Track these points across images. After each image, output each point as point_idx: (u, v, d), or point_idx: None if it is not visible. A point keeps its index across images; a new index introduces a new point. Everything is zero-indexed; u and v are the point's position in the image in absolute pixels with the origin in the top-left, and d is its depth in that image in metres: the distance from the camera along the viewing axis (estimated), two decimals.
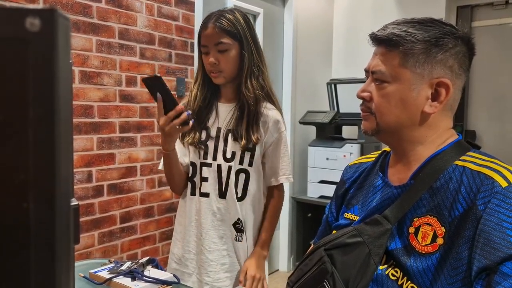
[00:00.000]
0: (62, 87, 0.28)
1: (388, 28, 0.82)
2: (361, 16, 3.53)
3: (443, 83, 0.79)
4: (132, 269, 1.10)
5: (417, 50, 0.78)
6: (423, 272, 0.74)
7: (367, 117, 0.85)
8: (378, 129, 0.84)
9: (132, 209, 2.28)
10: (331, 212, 1.03)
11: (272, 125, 1.37)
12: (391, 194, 0.84)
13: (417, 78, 0.79)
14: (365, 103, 0.85)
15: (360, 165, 1.01)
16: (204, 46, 1.31)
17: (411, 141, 0.84)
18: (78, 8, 1.96)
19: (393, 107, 0.81)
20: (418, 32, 0.79)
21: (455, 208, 0.74)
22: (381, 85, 0.82)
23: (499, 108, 3.19)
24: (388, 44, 0.80)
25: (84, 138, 2.03)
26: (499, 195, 0.70)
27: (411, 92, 0.80)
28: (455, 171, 0.77)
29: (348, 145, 3.03)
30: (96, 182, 2.10)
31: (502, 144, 3.18)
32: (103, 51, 2.08)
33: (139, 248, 2.33)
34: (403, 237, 0.79)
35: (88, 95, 2.03)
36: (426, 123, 0.82)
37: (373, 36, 0.83)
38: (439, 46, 0.78)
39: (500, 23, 3.16)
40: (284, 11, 3.35)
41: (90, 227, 2.08)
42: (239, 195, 1.36)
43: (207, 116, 1.38)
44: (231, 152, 1.35)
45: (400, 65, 0.79)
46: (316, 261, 0.82)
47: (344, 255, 0.80)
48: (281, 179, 1.41)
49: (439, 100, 0.80)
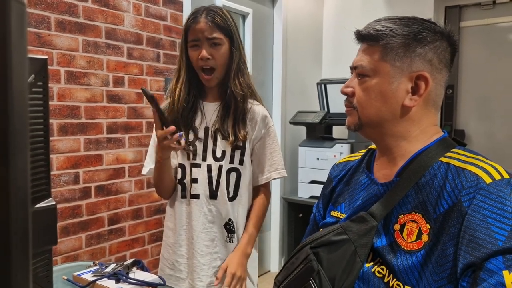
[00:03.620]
0: (16, 76, 0.26)
1: (370, 25, 0.84)
2: (350, 16, 3.54)
3: (422, 76, 0.80)
4: (117, 271, 1.08)
5: (396, 44, 0.80)
6: (409, 270, 0.74)
7: (350, 112, 0.86)
8: (360, 123, 0.85)
9: (121, 210, 2.26)
10: (318, 210, 1.02)
11: (260, 120, 1.36)
12: (377, 191, 0.84)
13: (396, 72, 0.80)
14: (348, 98, 0.86)
15: (347, 163, 1.01)
16: (195, 40, 1.27)
17: (394, 136, 0.84)
18: (64, 7, 1.93)
19: (373, 100, 0.82)
20: (397, 27, 0.81)
21: (440, 205, 0.73)
22: (363, 79, 0.83)
23: (488, 107, 3.21)
24: (370, 39, 0.82)
25: (70, 139, 2.00)
26: (483, 192, 0.70)
27: (390, 85, 0.81)
28: (440, 167, 0.77)
29: (338, 145, 3.03)
30: (83, 183, 2.07)
31: (490, 143, 3.20)
32: (90, 51, 2.06)
33: (128, 250, 2.31)
34: (388, 234, 0.79)
35: (74, 95, 2.00)
36: (408, 118, 0.82)
37: (357, 33, 0.85)
38: (417, 40, 0.80)
39: (488, 23, 3.18)
40: (273, 11, 3.34)
41: (77, 230, 2.05)
42: (230, 195, 1.33)
43: (193, 116, 1.34)
44: (221, 151, 1.32)
45: (380, 59, 0.81)
46: (302, 260, 0.82)
47: (330, 253, 0.80)
48: (273, 174, 1.39)
49: (418, 94, 0.81)
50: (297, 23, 3.47)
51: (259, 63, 3.22)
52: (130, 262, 1.14)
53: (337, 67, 3.63)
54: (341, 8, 3.64)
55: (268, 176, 1.39)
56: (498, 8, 3.14)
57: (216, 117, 1.33)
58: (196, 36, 1.27)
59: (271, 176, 1.39)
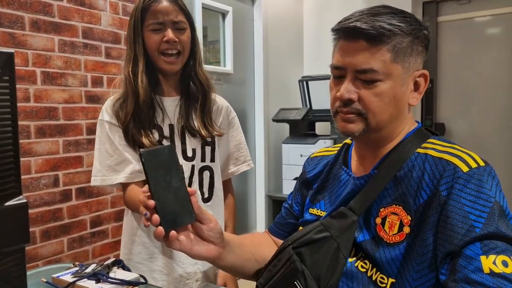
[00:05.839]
0: None
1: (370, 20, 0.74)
2: (330, 12, 3.56)
3: (424, 73, 0.79)
4: (97, 271, 1.06)
5: (405, 43, 0.75)
6: (392, 262, 0.74)
7: (354, 119, 0.78)
8: (367, 129, 0.78)
9: (103, 212, 2.23)
10: (297, 202, 1.00)
11: (224, 112, 1.29)
12: (354, 186, 0.83)
13: (405, 72, 0.77)
14: (352, 105, 0.77)
15: (322, 157, 0.99)
16: (158, 23, 1.13)
17: (390, 135, 0.82)
18: (38, 6, 1.90)
19: (387, 105, 0.76)
20: (402, 25, 0.75)
21: (419, 196, 0.74)
22: (373, 84, 0.75)
23: (466, 101, 3.26)
24: (375, 38, 0.74)
25: (49, 141, 1.96)
26: (461, 180, 0.70)
27: (402, 87, 0.77)
28: (417, 159, 0.77)
29: (321, 141, 3.05)
30: (63, 186, 2.03)
31: (470, 135, 3.26)
32: (67, 51, 2.02)
33: (111, 252, 2.28)
34: (370, 228, 0.79)
35: (51, 96, 1.97)
36: (405, 115, 0.81)
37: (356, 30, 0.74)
38: (419, 37, 0.78)
39: (465, 17, 3.24)
40: (253, 9, 3.34)
41: (58, 233, 2.02)
42: (205, 196, 1.24)
43: (154, 113, 1.19)
44: (191, 150, 1.21)
45: (392, 61, 0.75)
46: (285, 261, 0.80)
47: (313, 252, 0.78)
48: (242, 167, 1.32)
49: (419, 91, 0.80)
50: (278, 20, 3.48)
51: (240, 61, 3.21)
52: (111, 262, 1.12)
53: (319, 64, 3.65)
54: (321, 4, 3.66)
55: (237, 169, 1.32)
56: (474, 3, 3.20)
57: (179, 113, 1.21)
58: (159, 19, 1.12)
59: (240, 169, 1.32)
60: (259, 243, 0.99)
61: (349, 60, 0.76)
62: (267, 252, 0.93)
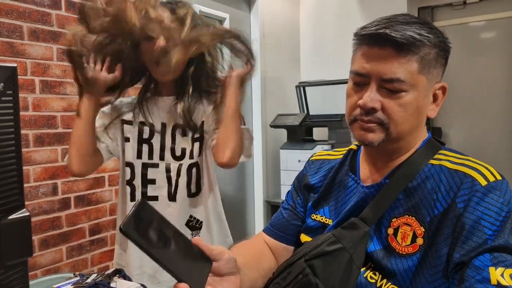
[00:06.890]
0: None
1: (400, 29, 0.72)
2: (326, 19, 3.58)
3: (443, 86, 0.80)
4: (98, 281, 1.06)
5: (432, 55, 0.75)
6: (404, 273, 0.73)
7: (374, 129, 0.76)
8: (387, 139, 0.77)
9: (102, 220, 2.22)
10: (300, 204, 0.97)
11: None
12: (364, 195, 0.81)
13: (429, 84, 0.77)
14: (374, 114, 0.75)
15: (324, 161, 0.97)
16: None
17: (406, 146, 0.81)
18: (36, 16, 1.90)
19: (410, 116, 0.76)
20: (431, 36, 0.74)
21: (434, 207, 0.73)
22: (398, 94, 0.74)
23: (462, 105, 3.28)
24: (404, 47, 0.72)
25: (47, 150, 1.96)
26: (478, 193, 0.70)
27: (424, 99, 0.77)
28: (431, 170, 0.77)
29: (319, 146, 3.05)
30: (62, 194, 2.03)
31: (467, 140, 3.28)
32: (65, 60, 2.02)
33: (110, 260, 2.27)
34: (381, 238, 0.78)
35: (50, 105, 1.97)
36: (422, 127, 0.81)
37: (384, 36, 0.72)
38: (444, 50, 0.77)
39: (459, 22, 3.26)
40: (250, 16, 3.36)
41: (57, 242, 2.01)
42: (192, 191, 1.26)
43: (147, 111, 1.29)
44: (180, 149, 1.25)
45: (418, 72, 0.74)
46: (297, 274, 0.78)
47: (326, 264, 0.76)
48: None
49: (436, 103, 0.80)
50: (274, 27, 3.49)
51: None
52: (111, 271, 1.12)
53: (316, 69, 3.66)
54: (317, 11, 3.68)
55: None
56: (468, 8, 3.22)
57: (172, 113, 1.26)
58: None
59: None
60: (258, 255, 0.96)
61: (375, 67, 0.74)
62: (267, 264, 0.93)
